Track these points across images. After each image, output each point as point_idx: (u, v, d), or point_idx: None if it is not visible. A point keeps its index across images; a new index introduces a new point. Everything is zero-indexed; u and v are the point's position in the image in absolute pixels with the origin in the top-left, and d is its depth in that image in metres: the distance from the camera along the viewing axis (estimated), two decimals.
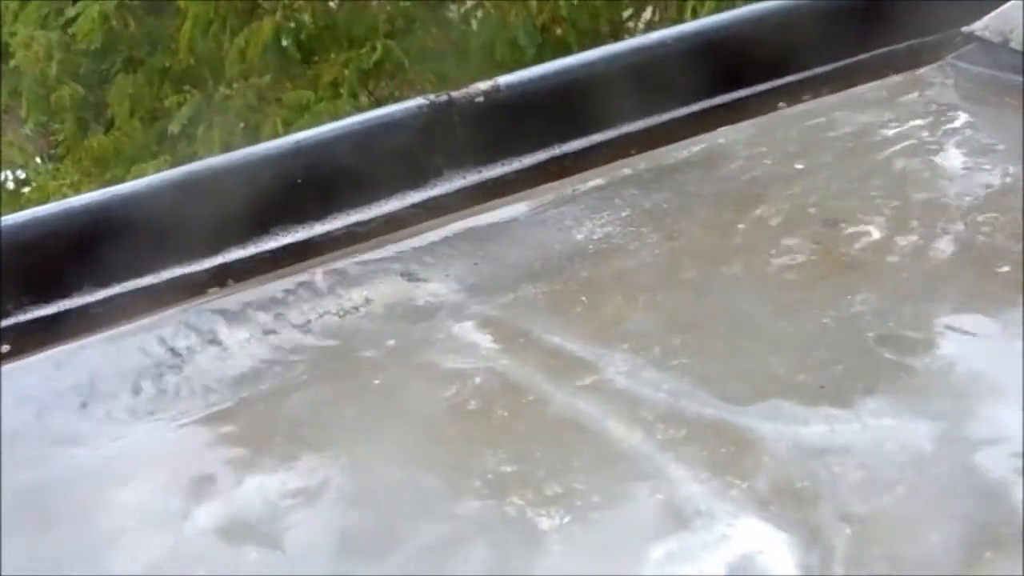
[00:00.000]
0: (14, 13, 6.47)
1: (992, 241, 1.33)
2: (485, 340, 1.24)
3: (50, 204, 1.46)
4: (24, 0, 6.44)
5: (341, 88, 5.87)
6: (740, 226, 1.42)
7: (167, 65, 6.46)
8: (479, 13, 6.10)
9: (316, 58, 6.20)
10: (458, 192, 1.59)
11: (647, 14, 6.25)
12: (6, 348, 1.33)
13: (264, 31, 5.86)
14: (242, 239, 1.49)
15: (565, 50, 5.19)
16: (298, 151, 1.54)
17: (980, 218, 1.38)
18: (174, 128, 6.01)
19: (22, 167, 7.10)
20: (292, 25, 5.94)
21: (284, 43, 5.91)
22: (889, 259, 1.32)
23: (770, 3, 1.84)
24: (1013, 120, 1.57)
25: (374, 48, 5.84)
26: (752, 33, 1.82)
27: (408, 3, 6.09)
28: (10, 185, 7.09)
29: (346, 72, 5.86)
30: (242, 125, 5.91)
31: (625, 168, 1.57)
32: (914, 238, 1.36)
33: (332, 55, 6.10)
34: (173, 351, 1.28)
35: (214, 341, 1.29)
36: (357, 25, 6.06)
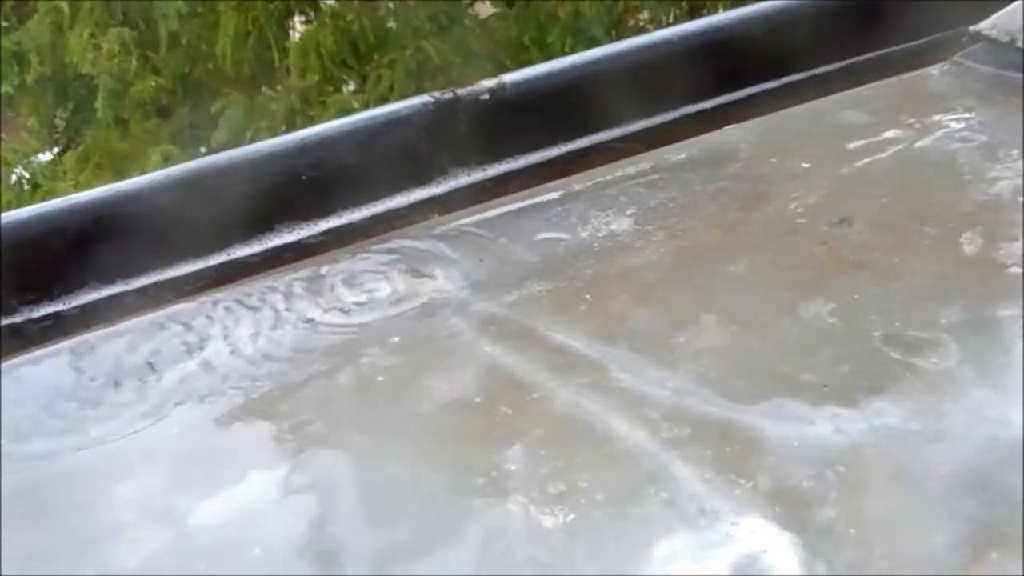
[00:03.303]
0: (70, 18, 6.45)
1: (999, 240, 1.32)
2: (489, 337, 1.24)
3: (53, 200, 1.46)
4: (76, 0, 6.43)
5: (386, 89, 5.86)
6: (745, 225, 1.41)
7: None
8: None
9: (360, 59, 6.19)
10: (463, 189, 1.59)
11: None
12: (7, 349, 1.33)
13: (313, 39, 5.85)
14: (247, 236, 1.49)
15: None
16: (303, 148, 1.54)
17: (987, 217, 1.37)
18: (221, 137, 6.01)
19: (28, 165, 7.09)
20: (338, 30, 5.91)
21: (333, 47, 5.88)
22: (895, 258, 1.32)
23: (776, 2, 1.84)
24: (1020, 119, 1.57)
25: (419, 48, 5.82)
26: (758, 32, 1.82)
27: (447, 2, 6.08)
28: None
29: (393, 73, 5.84)
30: (284, 128, 5.91)
31: (630, 166, 1.57)
32: (920, 237, 1.35)
33: (376, 56, 6.09)
34: (175, 348, 1.27)
35: (218, 337, 1.28)
36: (401, 25, 6.04)
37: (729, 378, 1.14)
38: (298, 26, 6.52)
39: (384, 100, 5.76)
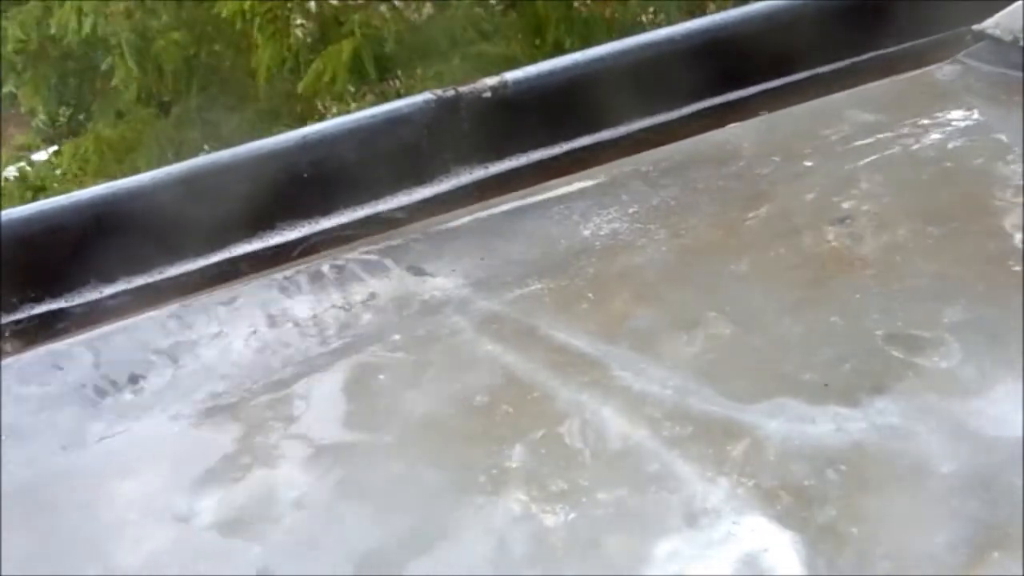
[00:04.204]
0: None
1: (1002, 239, 1.32)
2: (490, 335, 1.24)
3: (55, 198, 1.46)
4: None
5: None
6: (748, 223, 1.41)
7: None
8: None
9: (397, 72, 6.14)
10: (465, 187, 1.59)
11: None
12: (9, 347, 1.33)
13: (343, 52, 5.79)
14: (248, 233, 1.49)
15: None
16: (304, 146, 1.54)
17: (989, 216, 1.37)
18: None
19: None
20: (373, 41, 5.85)
21: (364, 62, 5.80)
22: (897, 257, 1.32)
23: (779, 1, 1.84)
24: (1022, 118, 1.56)
25: (464, 57, 5.77)
26: (761, 30, 1.81)
27: (482, 9, 6.03)
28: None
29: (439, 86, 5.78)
30: None
31: (632, 165, 1.57)
32: (922, 236, 1.35)
33: (417, 70, 6.04)
34: (178, 345, 1.27)
35: (219, 335, 1.28)
36: (441, 35, 5.98)
37: (731, 377, 1.14)
38: None
39: None
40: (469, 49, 5.86)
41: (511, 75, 1.66)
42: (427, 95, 1.61)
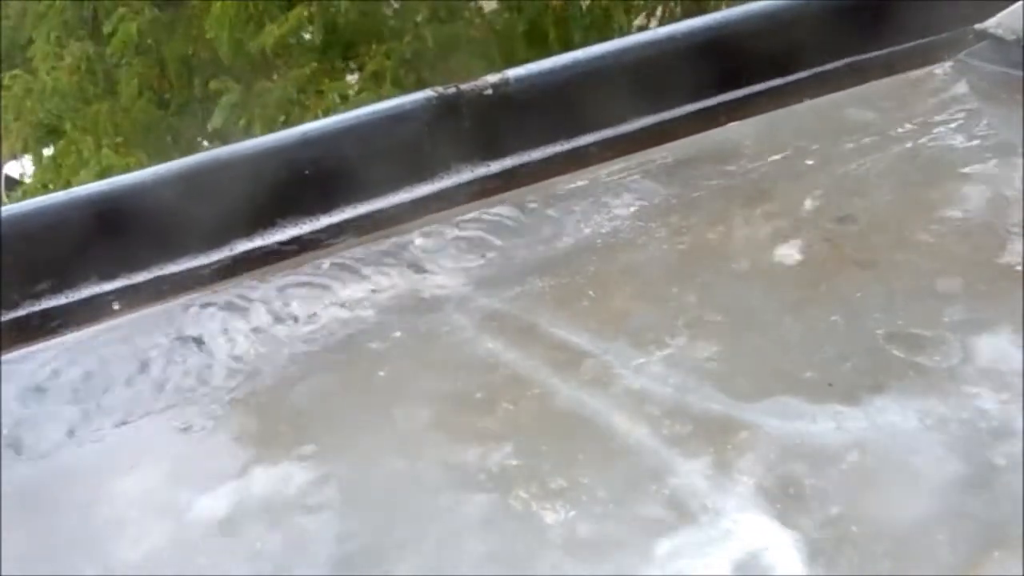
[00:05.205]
0: (33, 21, 6.43)
1: (1003, 238, 1.32)
2: (491, 333, 1.24)
3: (55, 194, 1.46)
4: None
5: (382, 79, 5.91)
6: (748, 222, 1.41)
7: (190, 51, 6.46)
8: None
9: (357, 50, 6.22)
10: (466, 185, 1.58)
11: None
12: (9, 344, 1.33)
13: (296, 19, 5.85)
14: (249, 231, 1.49)
15: None
16: (305, 143, 1.54)
17: (991, 216, 1.37)
18: (216, 123, 6.05)
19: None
20: (329, 13, 5.94)
21: (314, 32, 5.90)
22: (898, 256, 1.31)
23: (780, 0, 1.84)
24: (1023, 118, 1.56)
25: (416, 37, 5.84)
26: (763, 29, 1.81)
27: None
28: None
29: (387, 63, 5.88)
30: (282, 118, 5.94)
31: (633, 163, 1.56)
32: (924, 235, 1.35)
33: (372, 46, 6.12)
34: (179, 342, 1.27)
35: (220, 332, 1.28)
36: (397, 16, 6.07)
37: (731, 375, 1.14)
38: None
39: (379, 89, 5.81)
40: (422, 29, 5.94)
41: (513, 72, 1.66)
42: (428, 92, 1.61)
